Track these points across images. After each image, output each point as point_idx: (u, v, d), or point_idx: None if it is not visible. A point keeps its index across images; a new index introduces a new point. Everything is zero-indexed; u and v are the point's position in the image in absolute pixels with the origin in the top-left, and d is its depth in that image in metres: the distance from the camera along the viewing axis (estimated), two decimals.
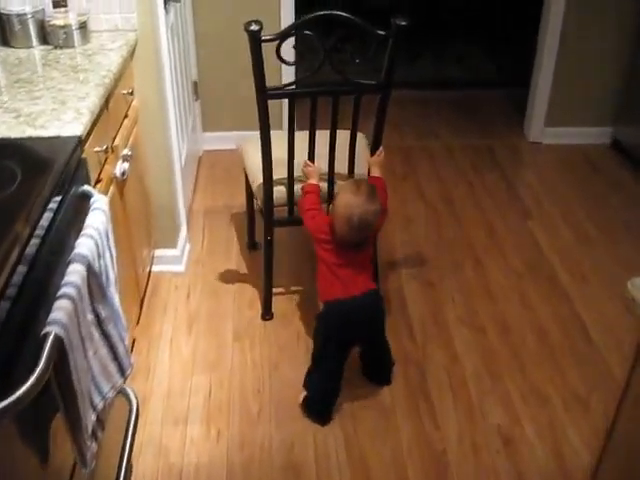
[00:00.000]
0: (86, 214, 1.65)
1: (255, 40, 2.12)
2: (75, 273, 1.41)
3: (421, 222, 3.21)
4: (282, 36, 2.14)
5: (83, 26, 2.31)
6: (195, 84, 3.50)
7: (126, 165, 2.22)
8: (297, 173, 2.41)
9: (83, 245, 1.49)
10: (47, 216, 1.44)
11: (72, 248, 1.47)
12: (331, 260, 2.18)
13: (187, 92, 3.25)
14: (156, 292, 2.78)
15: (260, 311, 2.67)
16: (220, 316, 2.67)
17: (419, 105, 4.32)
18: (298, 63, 2.28)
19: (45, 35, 2.33)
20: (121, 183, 2.20)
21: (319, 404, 2.26)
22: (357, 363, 2.37)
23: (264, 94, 2.19)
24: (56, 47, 2.30)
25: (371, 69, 2.27)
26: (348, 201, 2.09)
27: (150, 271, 2.78)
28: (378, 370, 2.41)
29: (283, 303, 2.71)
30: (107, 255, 1.64)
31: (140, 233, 2.53)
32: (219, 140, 3.62)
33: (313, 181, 2.37)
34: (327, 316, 2.22)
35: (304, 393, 2.28)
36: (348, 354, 2.26)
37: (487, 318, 2.68)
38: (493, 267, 2.94)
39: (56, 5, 2.37)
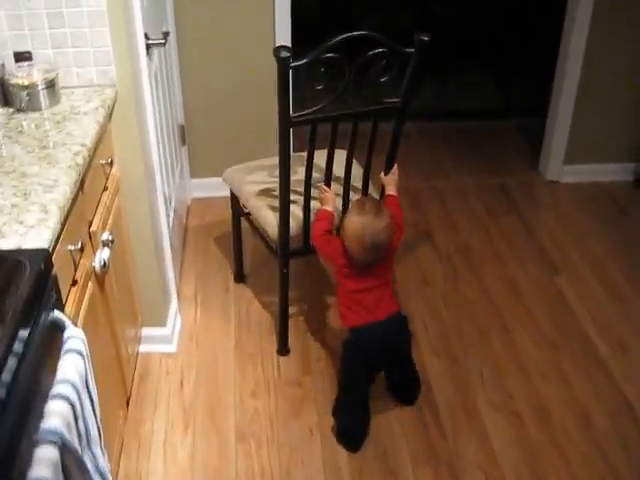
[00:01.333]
0: (58, 349, 1.28)
1: (284, 67, 1.94)
2: (45, 461, 1.04)
3: (438, 281, 2.84)
4: (312, 60, 1.96)
5: (51, 85, 1.91)
6: (182, 128, 3.11)
7: (107, 252, 1.82)
8: (294, 197, 2.27)
9: (54, 415, 1.11)
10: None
11: (44, 396, 1.09)
12: (352, 286, 2.14)
13: (173, 138, 2.86)
14: (145, 379, 2.38)
15: (267, 400, 2.30)
16: (220, 409, 2.27)
17: (423, 138, 3.93)
18: (320, 89, 2.05)
19: (5, 95, 1.93)
20: (101, 275, 1.82)
21: (351, 434, 2.20)
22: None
23: (288, 121, 2.04)
24: (19, 110, 1.90)
25: (389, 92, 2.18)
26: (355, 222, 2.05)
27: (137, 353, 2.40)
28: (404, 389, 2.34)
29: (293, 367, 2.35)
30: (87, 407, 1.26)
31: (124, 314, 2.14)
32: (208, 187, 3.22)
33: (329, 207, 2.25)
34: (353, 344, 2.16)
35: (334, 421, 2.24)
36: (375, 378, 2.23)
37: (522, 400, 2.32)
38: (522, 335, 2.58)
39: (18, 59, 1.97)
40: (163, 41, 2.29)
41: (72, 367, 1.19)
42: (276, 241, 2.34)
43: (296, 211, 2.29)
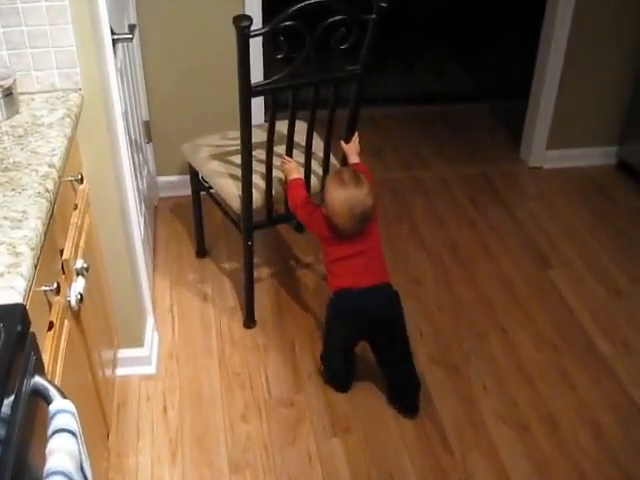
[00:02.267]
0: (44, 424, 1.06)
1: (244, 36, 1.90)
2: None
3: (429, 282, 2.67)
4: (272, 29, 1.92)
5: (9, 93, 1.64)
6: (147, 124, 2.85)
7: (82, 283, 1.60)
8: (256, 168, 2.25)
9: None
10: None
11: None
12: (339, 254, 2.10)
13: (139, 136, 2.61)
14: (125, 405, 2.16)
15: (259, 424, 2.11)
16: (209, 437, 2.07)
17: (396, 124, 3.74)
18: (280, 57, 1.99)
19: None
20: (77, 309, 1.59)
21: (337, 378, 2.25)
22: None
23: (249, 92, 2.01)
24: None
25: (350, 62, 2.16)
26: (340, 196, 2.01)
27: (115, 378, 2.17)
28: (405, 393, 2.20)
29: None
30: None
31: (100, 338, 1.91)
32: (176, 185, 2.99)
33: (297, 175, 2.26)
34: (336, 304, 2.14)
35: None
36: (357, 341, 2.21)
37: (528, 409, 2.18)
38: (521, 336, 2.43)
39: None
40: (130, 35, 2.04)
41: (65, 455, 0.97)
42: (239, 213, 2.29)
43: (259, 182, 2.26)
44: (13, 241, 1.24)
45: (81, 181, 1.73)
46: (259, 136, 2.17)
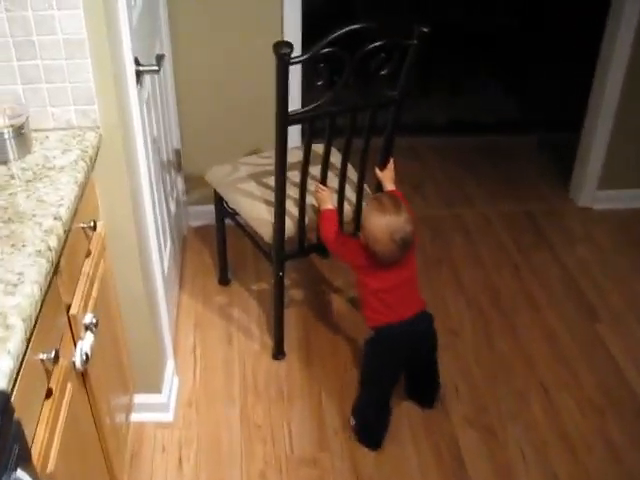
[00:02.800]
0: None
1: (284, 63, 1.80)
2: None
3: (467, 333, 2.48)
4: (313, 56, 1.83)
5: (20, 132, 1.53)
6: (178, 153, 2.73)
7: (90, 340, 1.47)
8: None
9: None
10: None
11: None
12: (377, 285, 2.00)
13: (169, 166, 2.49)
14: (138, 456, 2.03)
15: None
16: None
17: (436, 155, 3.55)
18: (320, 84, 1.90)
19: None
20: (83, 370, 1.46)
21: (371, 432, 2.12)
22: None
23: (286, 120, 1.91)
24: None
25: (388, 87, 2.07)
26: (381, 223, 1.90)
27: (129, 424, 2.04)
28: (424, 391, 2.24)
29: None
30: None
31: (112, 387, 1.78)
32: (207, 214, 2.84)
33: (329, 206, 2.14)
34: (378, 342, 2.06)
35: (353, 420, 2.14)
36: (399, 379, 2.15)
37: None
38: (565, 398, 2.23)
39: None
40: (156, 68, 1.90)
41: None
42: (270, 243, 2.20)
43: (291, 209, 2.15)
44: (4, 310, 1.11)
45: (94, 228, 1.60)
46: (292, 157, 2.06)
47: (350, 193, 2.24)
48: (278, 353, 2.37)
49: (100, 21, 1.53)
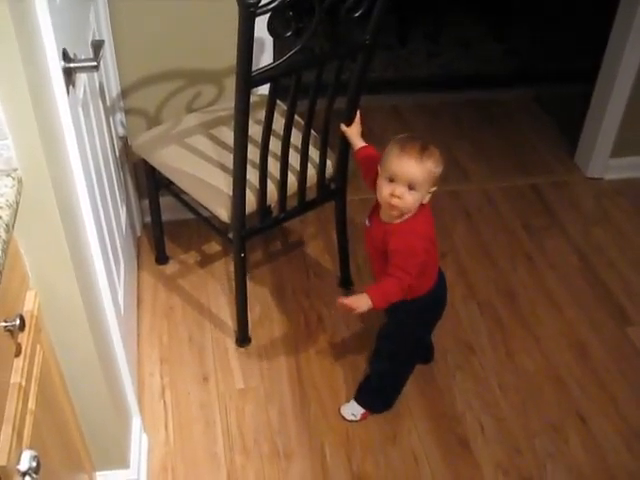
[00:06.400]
0: None
1: (250, 14, 1.44)
2: None
3: (485, 348, 2.07)
4: (280, 4, 1.48)
5: None
6: (124, 141, 2.17)
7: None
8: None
9: None
10: None
11: None
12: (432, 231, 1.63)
13: (115, 165, 1.95)
14: None
15: None
16: None
17: (425, 116, 3.04)
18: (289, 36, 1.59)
19: None
20: None
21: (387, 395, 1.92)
22: None
23: (250, 81, 1.59)
24: None
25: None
26: (436, 160, 1.53)
27: None
28: (424, 351, 2.01)
29: None
30: None
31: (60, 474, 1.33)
32: (165, 205, 2.31)
33: (365, 301, 1.53)
34: (422, 310, 1.73)
35: (360, 412, 1.88)
36: None
37: None
38: (605, 428, 1.86)
39: None
40: (94, 62, 1.35)
41: None
42: (228, 221, 1.87)
43: (250, 179, 1.80)
44: None
45: (22, 327, 1.09)
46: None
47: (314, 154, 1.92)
48: (243, 340, 2.06)
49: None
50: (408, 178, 1.50)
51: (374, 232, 1.63)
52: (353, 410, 1.88)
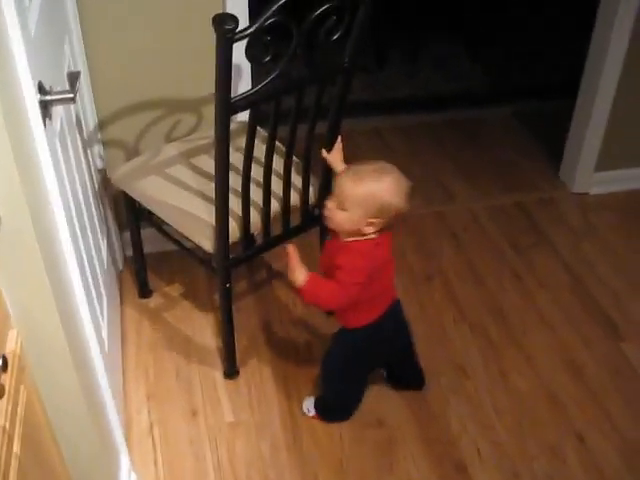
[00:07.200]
0: None
1: (227, 40, 1.46)
2: None
3: (478, 370, 2.07)
4: (258, 29, 1.51)
5: None
6: (104, 174, 2.17)
7: None
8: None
9: None
10: None
11: None
12: (383, 281, 1.69)
13: (95, 198, 1.94)
14: None
15: None
16: None
17: (405, 138, 3.07)
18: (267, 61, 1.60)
19: None
20: None
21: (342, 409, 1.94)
22: None
23: (229, 107, 1.59)
24: None
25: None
26: (380, 186, 1.55)
27: None
28: (412, 377, 2.00)
29: None
30: None
31: None
32: (148, 237, 2.28)
33: (304, 273, 1.61)
34: (355, 343, 1.78)
35: (314, 412, 1.93)
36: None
37: None
38: (604, 447, 1.85)
39: None
40: (71, 94, 1.35)
41: None
42: (212, 252, 1.86)
43: (233, 208, 1.80)
44: None
45: (4, 368, 1.08)
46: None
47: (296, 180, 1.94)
48: (231, 372, 2.05)
49: None
50: (338, 195, 1.57)
51: (330, 246, 1.70)
52: (309, 406, 1.94)
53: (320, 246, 2.09)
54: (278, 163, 1.84)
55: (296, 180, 1.92)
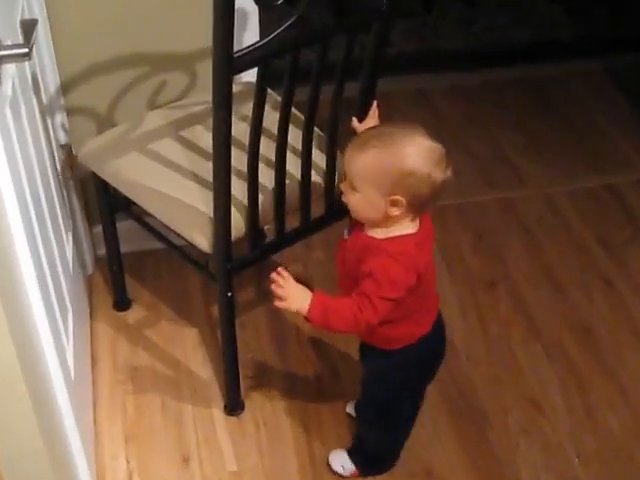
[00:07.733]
0: None
1: None
2: None
3: (557, 404, 2.10)
4: None
5: None
6: (68, 150, 2.22)
7: None
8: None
9: None
10: None
11: None
12: (427, 287, 1.68)
13: (56, 180, 1.98)
14: None
15: None
16: None
17: (461, 101, 3.15)
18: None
19: None
20: None
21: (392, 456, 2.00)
22: None
23: (231, 65, 1.60)
24: None
25: None
26: (394, 152, 1.49)
27: None
28: None
29: None
30: None
31: None
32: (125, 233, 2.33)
33: (307, 300, 1.57)
34: (417, 357, 1.77)
35: (351, 469, 1.96)
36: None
37: None
38: None
39: None
40: (25, 50, 1.36)
41: None
42: (210, 252, 1.90)
43: (237, 196, 1.85)
44: None
45: None
46: None
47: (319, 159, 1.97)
48: (233, 406, 2.10)
49: None
50: (347, 173, 1.56)
51: (351, 244, 1.65)
52: (344, 463, 1.96)
53: None
54: (295, 137, 1.86)
55: (318, 158, 1.94)
